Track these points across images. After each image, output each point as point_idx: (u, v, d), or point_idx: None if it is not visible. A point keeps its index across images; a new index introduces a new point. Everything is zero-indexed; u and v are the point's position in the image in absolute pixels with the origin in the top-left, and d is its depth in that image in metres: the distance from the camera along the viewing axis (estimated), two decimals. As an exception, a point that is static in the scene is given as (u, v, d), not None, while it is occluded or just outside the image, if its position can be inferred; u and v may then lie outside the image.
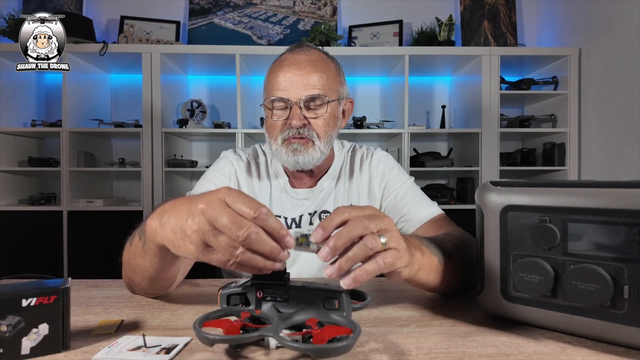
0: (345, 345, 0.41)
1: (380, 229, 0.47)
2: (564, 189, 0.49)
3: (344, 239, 0.44)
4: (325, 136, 0.88)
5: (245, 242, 0.43)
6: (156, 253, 0.55)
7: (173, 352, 0.46)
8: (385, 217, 0.48)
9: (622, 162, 1.94)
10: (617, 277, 0.45)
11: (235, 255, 0.43)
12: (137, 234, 0.60)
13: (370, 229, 0.45)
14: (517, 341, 0.50)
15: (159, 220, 0.51)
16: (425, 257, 0.56)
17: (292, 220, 0.94)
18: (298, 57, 0.87)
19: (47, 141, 2.55)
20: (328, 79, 0.87)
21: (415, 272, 0.54)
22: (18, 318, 0.44)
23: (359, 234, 0.45)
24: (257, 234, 0.43)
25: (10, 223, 2.18)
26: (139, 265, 0.60)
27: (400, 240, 0.48)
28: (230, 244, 0.43)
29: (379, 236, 0.46)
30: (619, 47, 1.96)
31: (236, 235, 0.42)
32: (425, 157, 2.42)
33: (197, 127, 2.41)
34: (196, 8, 2.64)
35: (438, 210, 0.90)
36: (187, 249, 0.46)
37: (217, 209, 0.43)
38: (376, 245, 0.45)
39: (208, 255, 0.45)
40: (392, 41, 2.56)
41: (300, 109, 0.84)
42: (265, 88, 0.91)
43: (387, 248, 0.47)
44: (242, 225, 0.42)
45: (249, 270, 0.45)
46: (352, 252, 0.45)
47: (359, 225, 0.45)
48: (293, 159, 0.86)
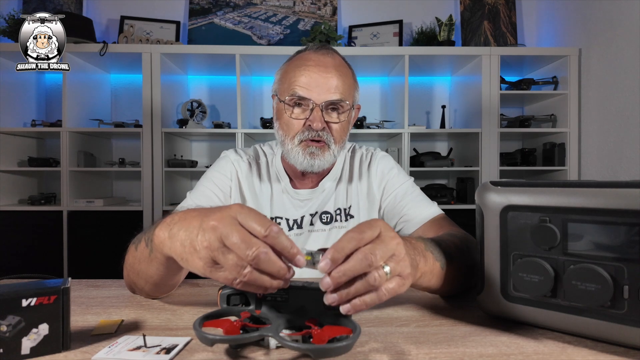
0: (345, 345, 0.41)
1: (386, 257, 0.45)
2: (564, 189, 0.49)
3: (347, 275, 0.43)
4: (340, 141, 0.88)
5: (253, 261, 0.42)
6: (163, 262, 0.55)
7: (173, 352, 0.46)
8: (394, 239, 0.46)
9: (622, 162, 1.94)
10: (617, 277, 0.45)
11: (243, 275, 0.43)
12: (143, 240, 0.59)
13: (375, 265, 0.43)
14: (517, 341, 0.50)
15: (168, 232, 0.50)
16: (428, 264, 0.56)
17: (294, 221, 0.93)
18: (323, 59, 0.85)
19: (47, 141, 2.55)
20: (349, 86, 0.87)
21: (417, 280, 0.54)
22: (18, 318, 0.44)
23: (363, 271, 0.43)
24: (266, 254, 0.42)
25: (10, 223, 2.18)
26: (144, 271, 0.60)
27: (406, 266, 0.47)
28: (239, 263, 0.43)
29: (383, 266, 0.44)
30: (619, 47, 1.96)
31: (245, 254, 0.42)
32: (425, 157, 2.42)
33: (197, 127, 2.41)
34: (196, 8, 2.64)
35: (438, 211, 0.90)
36: (195, 264, 0.45)
37: (228, 226, 0.43)
38: (379, 281, 0.44)
39: (215, 273, 0.44)
40: (392, 41, 2.56)
41: (321, 112, 0.84)
42: (283, 83, 0.88)
43: (392, 278, 0.45)
44: (252, 245, 0.42)
45: (254, 289, 0.45)
46: (354, 288, 0.44)
47: (364, 262, 0.43)
48: (309, 162, 0.86)
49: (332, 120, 0.86)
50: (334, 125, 0.86)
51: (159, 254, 0.54)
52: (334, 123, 0.86)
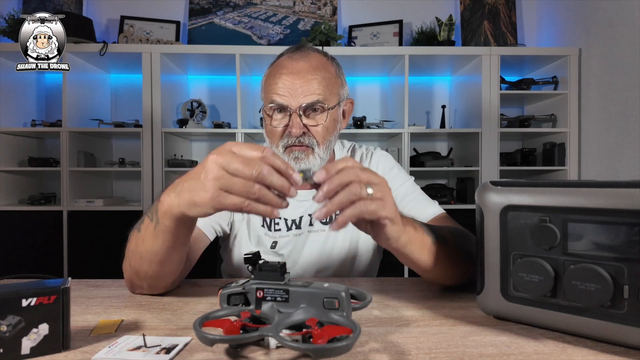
0: (345, 345, 0.41)
1: (370, 181, 0.51)
2: (564, 189, 0.49)
3: (334, 183, 0.49)
4: (324, 142, 0.87)
5: (258, 178, 0.47)
6: (171, 229, 0.57)
7: (173, 352, 0.46)
8: (380, 176, 0.53)
9: (622, 162, 1.94)
10: (617, 277, 0.45)
11: (253, 193, 0.47)
12: (146, 218, 0.61)
13: (360, 178, 0.50)
14: (517, 341, 0.50)
15: (174, 192, 0.54)
16: (418, 233, 0.59)
17: (292, 221, 0.93)
18: (297, 65, 0.85)
19: (47, 141, 2.55)
20: (328, 85, 0.86)
21: (405, 242, 0.57)
22: (18, 318, 0.44)
23: (348, 181, 0.50)
24: (268, 169, 0.47)
25: (10, 223, 2.18)
26: (148, 249, 0.61)
27: (387, 194, 0.53)
28: (246, 184, 0.47)
29: (366, 187, 0.50)
30: (619, 47, 1.96)
31: (250, 173, 0.47)
32: (425, 157, 2.42)
33: (197, 127, 2.41)
34: (196, 8, 2.64)
35: (439, 210, 0.90)
36: (204, 198, 0.49)
37: (227, 156, 0.48)
38: (361, 193, 0.50)
39: (224, 201, 0.48)
40: (392, 41, 2.56)
41: (299, 117, 0.83)
42: (263, 91, 0.91)
43: (373, 198, 0.51)
44: (254, 164, 0.47)
45: (262, 211, 0.48)
46: (338, 197, 0.50)
47: (351, 173, 0.50)
48: (296, 167, 0.86)
49: (311, 124, 0.85)
50: (315, 128, 0.85)
51: (167, 220, 0.56)
52: (314, 126, 0.85)
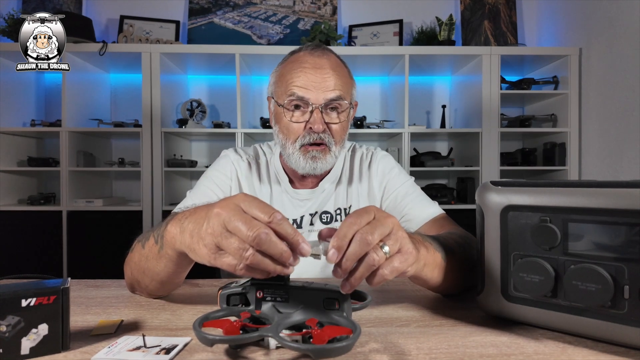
0: (345, 346, 0.41)
1: (383, 235, 0.46)
2: (564, 189, 0.49)
3: (350, 260, 0.45)
4: (340, 141, 0.88)
5: (254, 242, 0.42)
6: (173, 259, 0.56)
7: (173, 352, 0.46)
8: (388, 218, 0.48)
9: (622, 162, 1.94)
10: (618, 277, 0.45)
11: (245, 257, 0.43)
12: (152, 237, 0.60)
13: (373, 241, 0.45)
14: (517, 341, 0.50)
15: (179, 227, 0.52)
16: (430, 253, 0.56)
17: (294, 220, 0.93)
18: (319, 61, 0.85)
19: (47, 141, 2.55)
20: (346, 84, 0.87)
21: (422, 268, 0.54)
22: (18, 318, 0.44)
23: (364, 252, 0.45)
24: (267, 235, 0.42)
25: (10, 223, 2.18)
26: (151, 268, 0.61)
27: (405, 241, 0.48)
28: (240, 246, 0.43)
29: (381, 247, 0.46)
30: (619, 47, 1.96)
31: (246, 235, 0.42)
32: (425, 157, 2.42)
33: (197, 127, 2.41)
34: (196, 7, 2.64)
35: (439, 210, 0.90)
36: (202, 252, 0.47)
37: (231, 212, 0.44)
38: (379, 260, 0.45)
39: (220, 259, 0.45)
40: (392, 41, 2.56)
41: (321, 113, 0.84)
42: (280, 86, 0.88)
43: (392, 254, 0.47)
44: (253, 226, 0.42)
45: (258, 274, 0.45)
46: (359, 273, 0.46)
47: (363, 243, 0.45)
48: (311, 166, 0.86)
49: (332, 121, 0.86)
50: (334, 126, 0.86)
51: (169, 250, 0.55)
52: (334, 124, 0.86)
